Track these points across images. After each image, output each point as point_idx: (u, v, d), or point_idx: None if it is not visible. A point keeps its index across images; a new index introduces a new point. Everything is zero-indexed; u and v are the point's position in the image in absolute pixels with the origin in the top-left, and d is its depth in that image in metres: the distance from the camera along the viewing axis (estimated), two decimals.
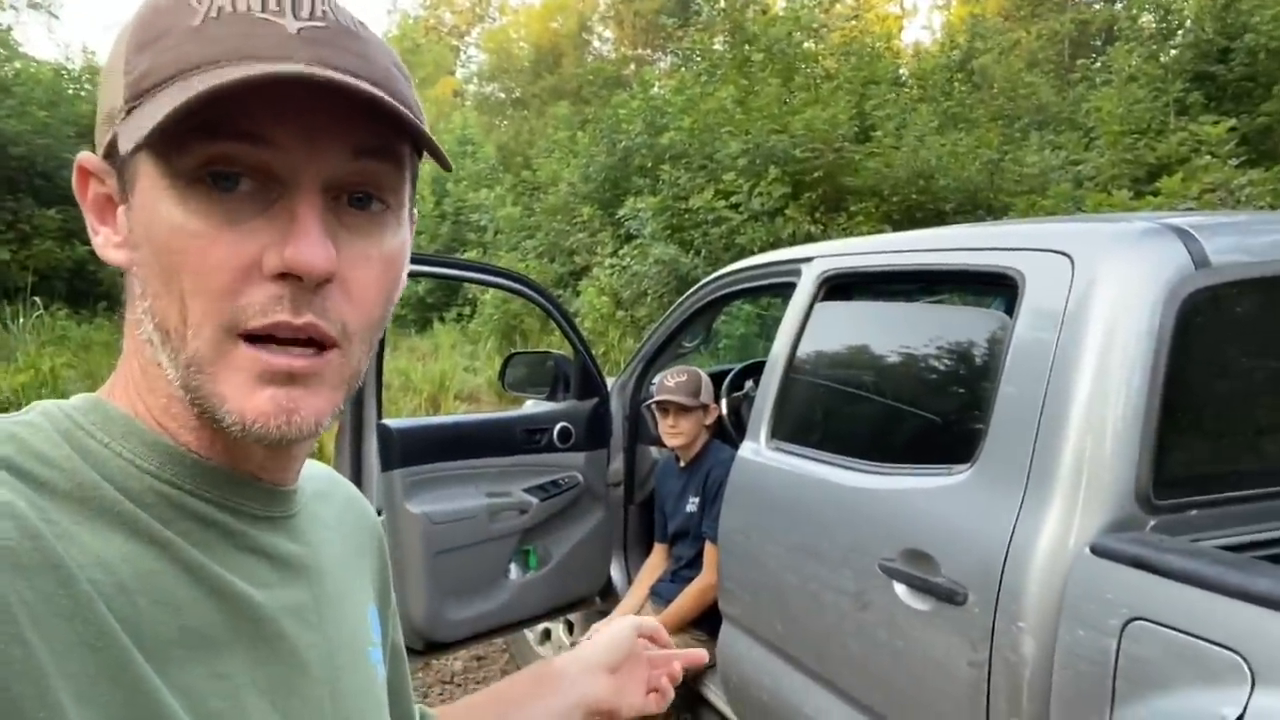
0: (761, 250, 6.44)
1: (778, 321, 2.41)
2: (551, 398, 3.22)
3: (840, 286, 2.26)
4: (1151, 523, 1.44)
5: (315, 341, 0.49)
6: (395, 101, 0.47)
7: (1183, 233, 1.54)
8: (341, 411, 0.53)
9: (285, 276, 0.47)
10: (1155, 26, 11.44)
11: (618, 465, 3.29)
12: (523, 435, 2.93)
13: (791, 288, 2.37)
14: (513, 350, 5.08)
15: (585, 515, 3.07)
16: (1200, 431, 1.62)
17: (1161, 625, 1.24)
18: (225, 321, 0.47)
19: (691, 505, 2.95)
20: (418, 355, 11.52)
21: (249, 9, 0.47)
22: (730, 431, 3.11)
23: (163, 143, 0.45)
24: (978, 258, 1.86)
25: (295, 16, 0.48)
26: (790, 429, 2.25)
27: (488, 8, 37.46)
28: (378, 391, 2.52)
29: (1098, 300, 1.52)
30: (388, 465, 2.54)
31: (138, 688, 0.43)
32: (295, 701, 0.52)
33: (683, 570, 2.97)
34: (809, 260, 2.36)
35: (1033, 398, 1.56)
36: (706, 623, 2.63)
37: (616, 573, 3.28)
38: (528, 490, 2.86)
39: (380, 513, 2.55)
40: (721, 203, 9.28)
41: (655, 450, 3.41)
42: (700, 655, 0.94)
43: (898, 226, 8.60)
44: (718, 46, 13.30)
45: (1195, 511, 1.48)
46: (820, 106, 9.86)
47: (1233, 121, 8.24)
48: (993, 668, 1.51)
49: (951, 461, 1.71)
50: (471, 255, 14.21)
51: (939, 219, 8.91)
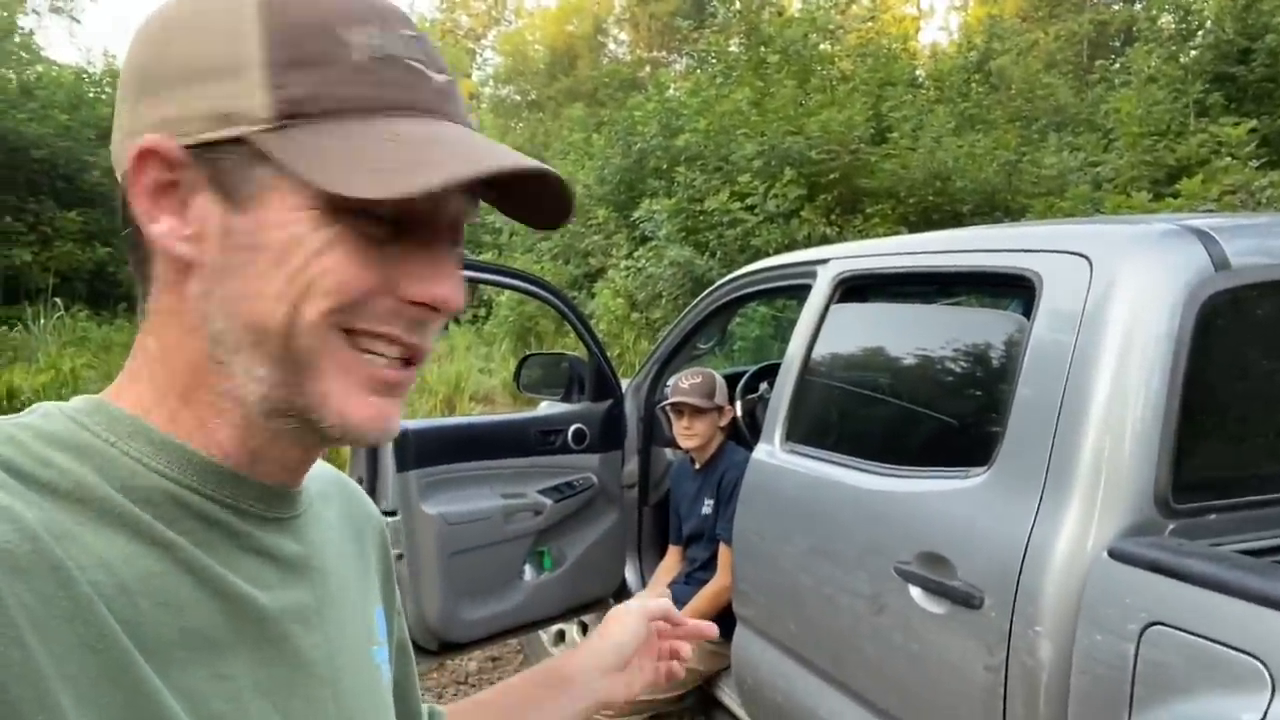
0: (777, 252, 6.42)
1: (792, 324, 2.40)
2: (566, 399, 3.23)
3: (856, 288, 2.26)
4: (1170, 526, 1.43)
5: (409, 359, 0.52)
6: (558, 174, 0.52)
7: (1203, 234, 1.52)
8: None
9: (415, 303, 0.50)
10: (1175, 27, 11.35)
11: (632, 467, 3.29)
12: (537, 437, 2.93)
13: (807, 289, 2.37)
14: (528, 352, 5.08)
15: (600, 517, 3.07)
16: (1220, 435, 1.61)
17: (1180, 630, 1.23)
18: (340, 322, 0.49)
19: (706, 507, 2.94)
20: (433, 357, 11.28)
21: (401, 55, 0.49)
22: (745, 434, 3.11)
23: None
24: (995, 259, 1.85)
25: (433, 69, 0.51)
26: (805, 431, 2.24)
27: (503, 11, 37.62)
28: None
29: (1116, 302, 1.51)
30: (403, 466, 2.55)
31: (138, 689, 0.43)
32: (298, 703, 0.52)
33: (697, 572, 2.97)
34: (824, 262, 2.35)
35: (1050, 400, 1.54)
36: (721, 625, 2.63)
37: (631, 574, 3.29)
38: (542, 491, 2.87)
39: (395, 513, 2.56)
40: (737, 205, 9.25)
41: (670, 452, 3.41)
42: (709, 628, 0.96)
43: (914, 228, 8.56)
44: (733, 48, 13.28)
45: (1215, 516, 1.47)
46: (836, 108, 9.82)
47: (1253, 123, 8.16)
48: (1009, 672, 1.50)
49: (968, 464, 1.70)
50: (487, 257, 14.21)
51: (956, 221, 8.87)
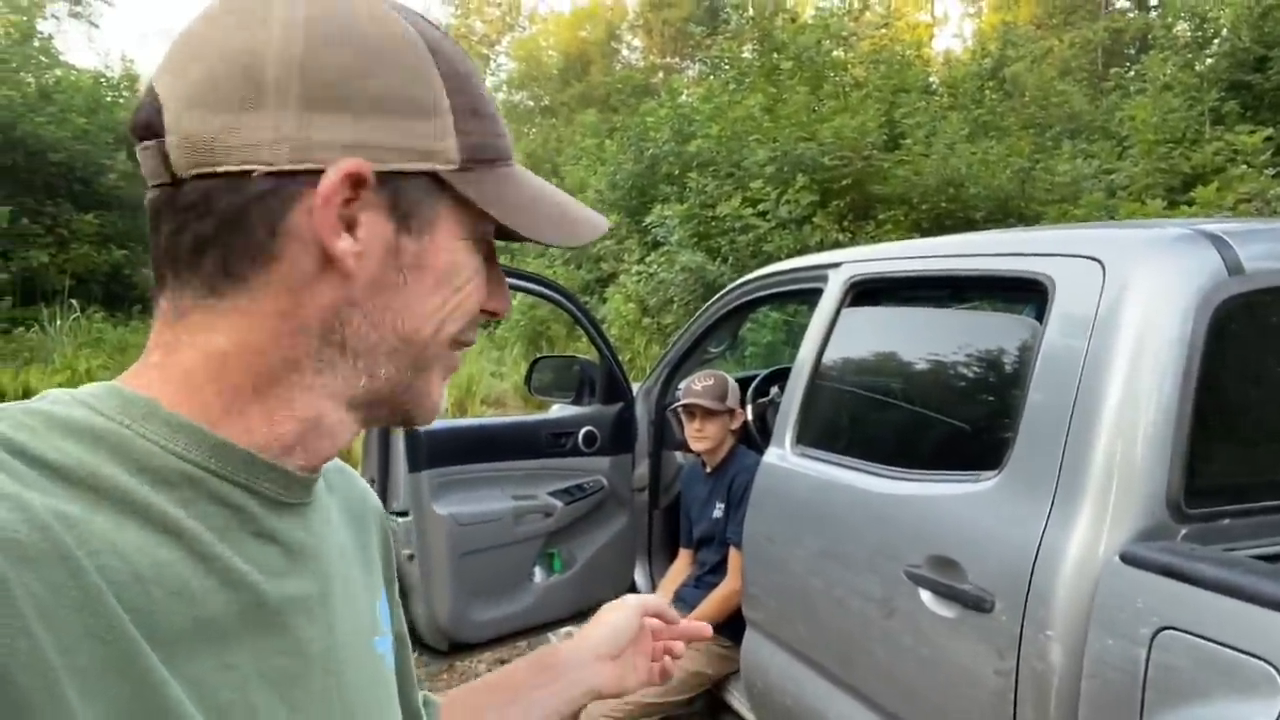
0: (788, 258, 6.43)
1: (804, 329, 2.40)
2: (577, 402, 3.24)
3: (867, 292, 2.26)
4: (1183, 531, 1.42)
5: None
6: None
7: (1216, 239, 1.52)
8: None
9: (484, 310, 0.60)
10: (1191, 35, 11.29)
11: (642, 470, 3.29)
12: (548, 439, 2.94)
13: (818, 293, 2.37)
14: (539, 355, 5.09)
15: (610, 519, 3.08)
16: (1233, 440, 1.60)
17: (1192, 634, 1.22)
18: (458, 334, 0.58)
19: (717, 511, 2.94)
20: None
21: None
22: (755, 437, 3.11)
23: (483, 215, 0.56)
24: (1007, 263, 1.85)
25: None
26: (816, 434, 2.24)
27: (518, 17, 37.77)
28: None
29: (1129, 306, 1.51)
30: (415, 466, 2.57)
31: (145, 680, 0.43)
32: (301, 693, 0.52)
33: (707, 575, 2.97)
34: (836, 265, 2.35)
35: (1062, 404, 1.54)
36: (730, 629, 2.63)
37: (640, 577, 3.29)
38: (553, 494, 2.88)
39: (406, 513, 2.57)
40: (749, 210, 9.25)
41: (680, 455, 3.41)
42: (704, 629, 0.95)
43: (927, 235, 8.52)
44: (746, 55, 13.30)
45: (1228, 521, 1.46)
46: (849, 114, 9.81)
47: (1269, 131, 8.10)
48: (1020, 676, 1.49)
49: (979, 468, 1.70)
50: (500, 261, 14.27)
51: (969, 227, 8.84)
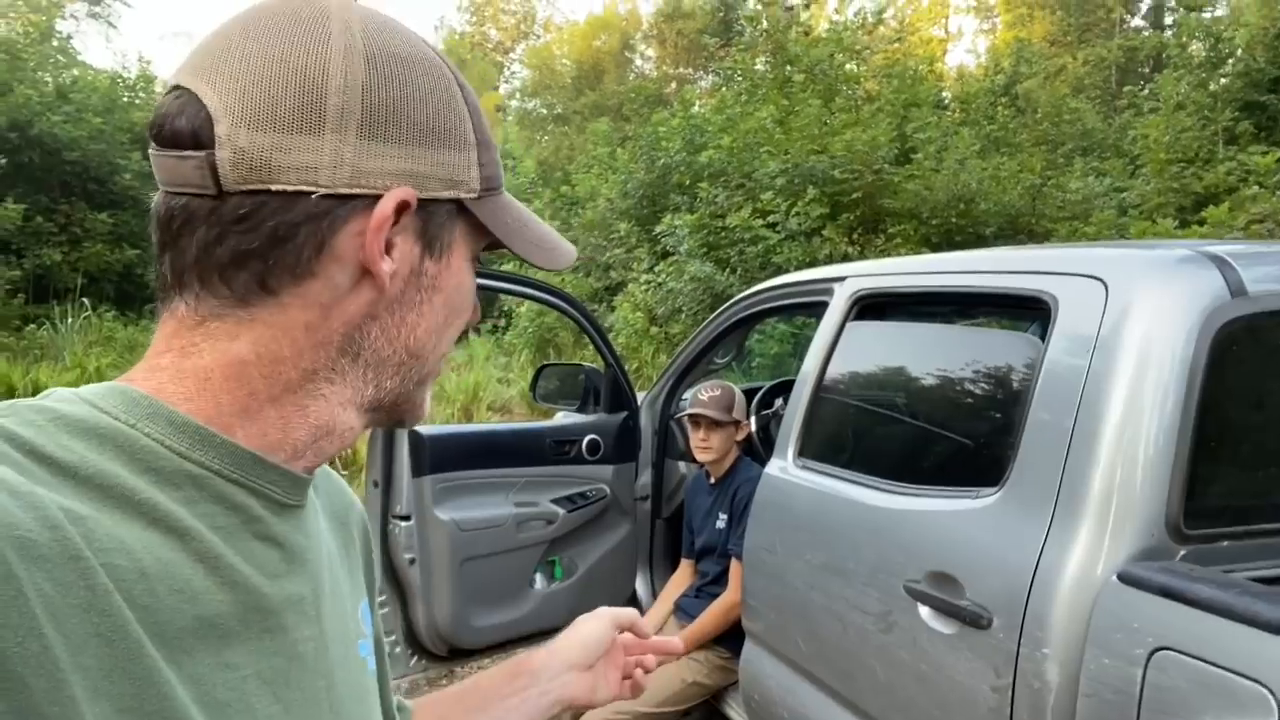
0: (797, 270, 6.43)
1: (811, 341, 2.41)
2: (582, 410, 3.25)
3: (872, 306, 2.26)
4: (1181, 552, 1.42)
5: None
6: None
7: (1220, 261, 1.52)
8: None
9: None
10: (1205, 54, 11.27)
11: (646, 479, 3.30)
12: (552, 446, 2.95)
13: (823, 306, 2.37)
14: (545, 362, 5.10)
15: (612, 528, 3.08)
16: (1233, 461, 1.60)
17: (1188, 656, 1.22)
18: (450, 347, 0.62)
19: (720, 522, 2.94)
20: (452, 365, 11.59)
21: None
22: (759, 449, 3.11)
23: (489, 238, 0.60)
24: (1010, 281, 1.85)
25: None
26: (818, 447, 2.24)
27: (532, 25, 37.97)
28: None
29: (1131, 326, 1.51)
30: (418, 471, 2.58)
31: (149, 679, 0.43)
32: (295, 693, 0.53)
33: (708, 586, 2.97)
34: (841, 279, 2.36)
35: (1063, 423, 1.54)
36: (730, 640, 2.63)
37: (641, 586, 3.29)
38: (555, 501, 2.88)
39: (409, 517, 2.58)
40: (759, 222, 9.26)
41: (683, 465, 3.41)
42: (675, 644, 0.95)
43: (936, 250, 8.53)
44: (759, 67, 13.33)
45: (1227, 543, 1.46)
46: (860, 128, 9.83)
47: None
48: (1016, 694, 1.49)
49: (979, 484, 1.70)
50: (508, 267, 14.32)
51: (979, 243, 8.83)
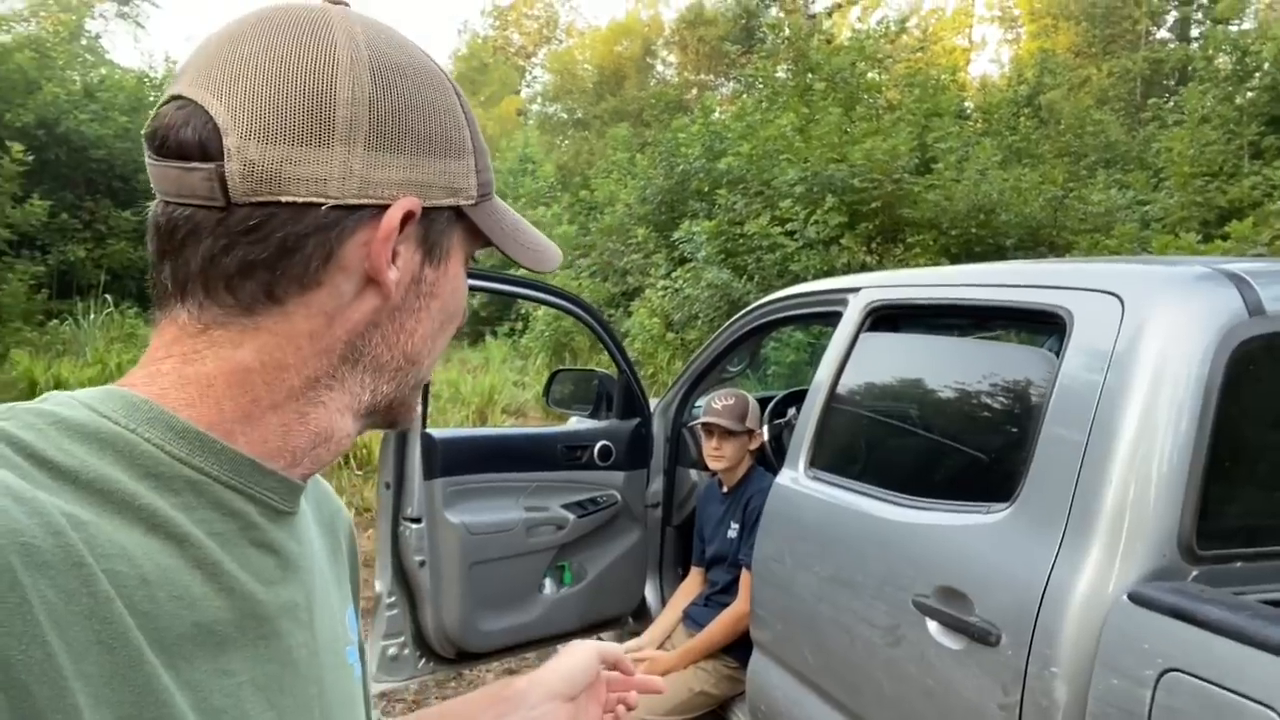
0: (815, 279, 6.42)
1: (826, 350, 2.40)
2: (594, 416, 3.25)
3: (886, 317, 2.25)
4: (1194, 573, 1.41)
5: None
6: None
7: (1237, 279, 1.51)
8: None
9: None
10: (1231, 68, 11.17)
11: (657, 486, 3.29)
12: (563, 451, 2.95)
13: (838, 317, 2.37)
14: (558, 367, 5.12)
15: (622, 534, 3.08)
16: (1248, 482, 1.58)
17: (1197, 678, 1.21)
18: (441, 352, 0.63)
19: (732, 531, 2.93)
20: (468, 368, 11.64)
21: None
22: (771, 458, 3.10)
23: (481, 243, 0.61)
24: (1026, 295, 1.84)
25: None
26: (829, 459, 2.23)
27: (555, 30, 38.10)
28: (424, 401, 2.56)
29: (1147, 343, 1.50)
30: (429, 474, 2.58)
31: (148, 686, 0.43)
32: (288, 700, 0.53)
33: (717, 595, 2.96)
34: (856, 290, 2.35)
35: (1076, 439, 1.53)
36: (738, 650, 2.62)
37: (651, 593, 3.28)
38: (566, 506, 2.88)
39: (420, 520, 2.59)
40: (777, 229, 9.25)
41: (695, 473, 3.40)
42: (658, 684, 0.96)
43: (955, 261, 8.48)
44: (780, 74, 13.32)
45: (1240, 564, 1.44)
46: (881, 137, 9.79)
47: None
48: (1023, 712, 1.48)
49: (990, 500, 1.69)
50: (523, 272, 14.34)
51: (999, 254, 8.78)
